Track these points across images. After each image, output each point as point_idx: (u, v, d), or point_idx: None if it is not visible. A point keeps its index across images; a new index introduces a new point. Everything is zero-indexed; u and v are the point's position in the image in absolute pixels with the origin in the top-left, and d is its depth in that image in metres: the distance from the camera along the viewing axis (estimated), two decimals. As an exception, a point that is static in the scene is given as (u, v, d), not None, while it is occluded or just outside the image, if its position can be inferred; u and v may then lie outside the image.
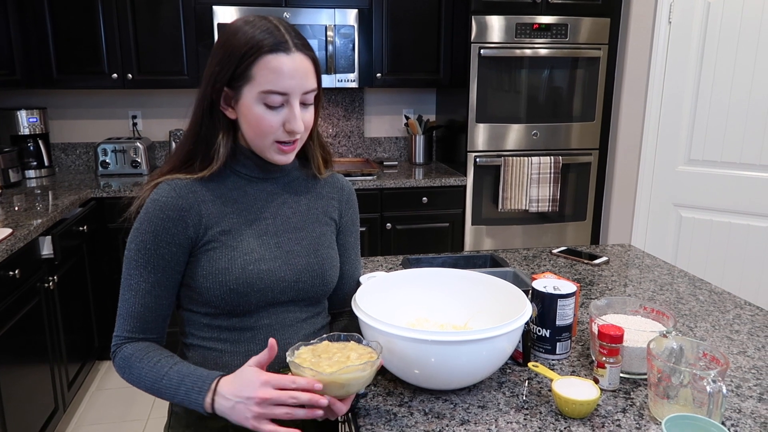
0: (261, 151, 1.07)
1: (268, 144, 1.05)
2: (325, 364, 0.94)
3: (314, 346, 1.00)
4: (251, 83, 1.00)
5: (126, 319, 1.06)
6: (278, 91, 1.00)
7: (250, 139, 1.06)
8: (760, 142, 2.77)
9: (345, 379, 0.89)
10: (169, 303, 1.09)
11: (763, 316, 1.42)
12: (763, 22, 2.68)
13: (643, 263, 1.82)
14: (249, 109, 1.02)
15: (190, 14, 3.03)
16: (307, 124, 1.07)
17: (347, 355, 0.97)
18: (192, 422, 1.10)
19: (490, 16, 3.03)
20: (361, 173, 3.16)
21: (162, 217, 1.03)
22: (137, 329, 1.06)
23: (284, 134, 1.04)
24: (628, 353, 1.10)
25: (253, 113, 1.02)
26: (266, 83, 1.00)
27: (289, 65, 1.00)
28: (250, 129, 1.04)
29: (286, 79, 1.00)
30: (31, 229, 2.14)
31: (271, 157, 1.07)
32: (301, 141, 1.09)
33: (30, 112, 3.10)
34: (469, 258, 1.77)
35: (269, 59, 0.99)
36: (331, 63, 3.12)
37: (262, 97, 1.01)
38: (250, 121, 1.03)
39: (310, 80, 1.04)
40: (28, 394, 2.09)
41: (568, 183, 3.29)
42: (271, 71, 0.99)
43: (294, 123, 1.03)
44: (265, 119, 1.02)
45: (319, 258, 1.14)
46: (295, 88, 1.01)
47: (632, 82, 3.10)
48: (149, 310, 1.06)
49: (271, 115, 1.02)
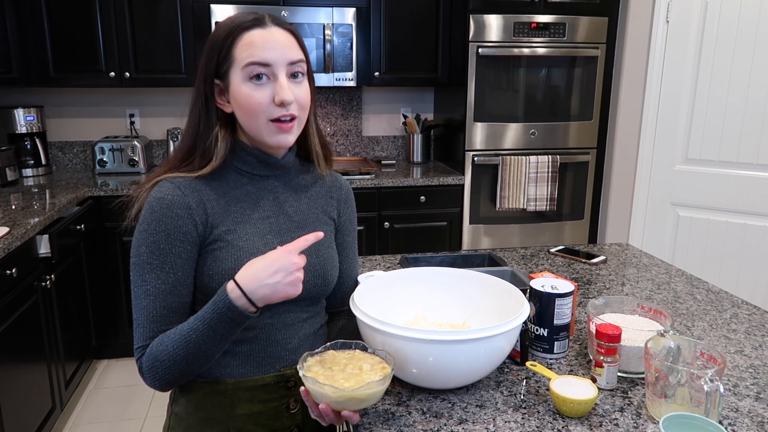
0: (258, 135, 1.04)
1: (262, 125, 1.03)
2: (340, 377, 0.93)
3: (321, 356, 0.99)
4: (234, 65, 1.01)
5: (147, 326, 1.01)
6: (258, 61, 1.00)
7: (246, 125, 1.05)
8: (757, 141, 2.77)
9: (365, 395, 0.90)
10: (190, 301, 1.05)
11: (760, 315, 1.42)
12: (761, 22, 2.68)
13: (641, 262, 1.82)
14: (238, 91, 1.02)
15: (188, 12, 3.03)
16: (300, 98, 1.04)
17: (359, 366, 0.97)
18: (193, 423, 1.10)
19: (488, 15, 3.03)
20: (359, 172, 3.15)
21: (171, 216, 1.01)
22: (162, 332, 1.01)
23: (276, 109, 1.02)
24: (625, 352, 1.10)
25: (242, 93, 1.01)
26: (247, 57, 1.00)
27: (266, 36, 1.01)
28: (242, 113, 1.03)
29: (266, 50, 1.00)
30: (28, 227, 2.13)
31: (269, 140, 1.04)
32: (300, 123, 1.07)
33: (27, 111, 3.09)
34: (467, 257, 1.77)
35: (246, 36, 1.01)
36: (329, 62, 3.12)
37: (246, 73, 1.01)
38: (240, 103, 1.02)
39: (293, 50, 1.03)
40: (25, 393, 2.08)
41: (565, 182, 3.29)
42: (249, 45, 1.00)
43: (282, 92, 1.01)
44: (253, 96, 1.01)
45: (320, 258, 1.13)
46: (277, 58, 1.01)
47: (630, 82, 3.11)
48: (173, 311, 1.02)
49: (259, 90, 1.01)
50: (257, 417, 1.10)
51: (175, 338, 0.99)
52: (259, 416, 1.10)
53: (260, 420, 1.10)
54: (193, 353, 0.98)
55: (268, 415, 1.10)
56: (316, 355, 0.99)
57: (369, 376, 0.94)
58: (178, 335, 0.99)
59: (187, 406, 1.11)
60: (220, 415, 1.09)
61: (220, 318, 0.96)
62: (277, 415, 1.11)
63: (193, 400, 1.10)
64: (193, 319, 0.99)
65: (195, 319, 0.98)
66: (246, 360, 1.08)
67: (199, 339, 0.97)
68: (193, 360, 0.99)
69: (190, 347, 0.98)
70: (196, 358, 0.99)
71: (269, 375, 1.10)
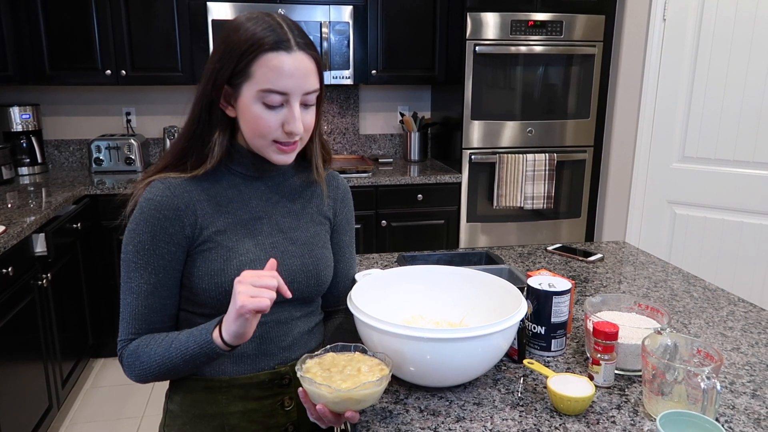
0: (260, 150, 1.05)
1: (266, 144, 1.03)
2: (338, 378, 0.94)
3: (320, 358, 0.99)
4: (250, 81, 0.98)
5: (129, 322, 1.03)
6: (277, 90, 0.98)
7: (249, 138, 1.04)
8: (753, 139, 2.78)
9: (362, 395, 0.90)
10: (174, 302, 1.07)
11: (756, 313, 1.42)
12: (757, 20, 2.69)
13: (638, 260, 1.82)
14: (248, 107, 1.00)
15: (185, 10, 3.02)
16: (307, 125, 1.05)
17: (357, 368, 0.96)
18: (187, 420, 1.10)
19: (485, 12, 3.02)
20: (356, 170, 3.15)
21: (158, 217, 1.01)
22: (142, 330, 1.04)
23: (283, 135, 1.02)
24: (622, 350, 1.10)
25: (252, 112, 1.00)
26: (265, 82, 0.97)
27: (290, 64, 0.98)
28: (248, 128, 1.02)
29: (285, 78, 0.98)
30: (25, 226, 2.13)
31: (270, 156, 1.05)
32: (302, 142, 1.07)
33: (23, 109, 3.08)
34: (465, 255, 1.77)
35: (269, 57, 0.97)
36: (325, 60, 3.11)
37: (261, 96, 0.98)
38: (248, 120, 1.01)
39: (311, 81, 1.01)
40: (22, 392, 2.08)
41: (562, 180, 3.30)
42: (271, 70, 0.97)
43: (293, 124, 1.00)
44: (263, 119, 1.00)
45: (313, 258, 1.13)
46: (295, 88, 0.99)
47: (627, 80, 3.11)
48: (154, 311, 1.04)
49: (270, 114, 1.00)
50: (252, 414, 1.10)
51: (158, 343, 1.02)
52: (253, 413, 1.10)
53: (255, 417, 1.10)
54: (167, 359, 1.01)
55: (263, 412, 1.11)
56: (316, 357, 0.99)
57: (367, 377, 0.94)
58: (161, 342, 1.02)
59: (182, 403, 1.11)
60: (215, 413, 1.09)
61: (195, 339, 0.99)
62: (272, 413, 1.11)
63: (188, 398, 1.10)
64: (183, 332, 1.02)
65: (183, 332, 1.01)
66: (240, 358, 1.08)
67: (174, 350, 1.00)
68: (166, 366, 1.01)
69: (167, 353, 1.01)
70: (168, 363, 1.01)
71: (263, 372, 1.10)
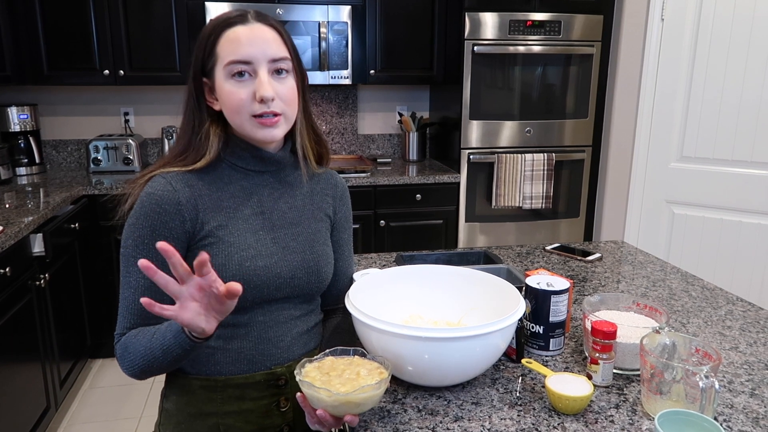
0: (243, 131, 1.05)
1: (245, 121, 1.03)
2: (337, 382, 0.93)
3: (319, 362, 0.99)
4: (218, 62, 1.03)
5: (126, 316, 1.03)
6: (240, 59, 1.00)
7: (230, 120, 1.05)
8: (752, 138, 2.78)
9: (361, 398, 0.89)
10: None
11: (754, 312, 1.42)
12: (755, 20, 2.69)
13: (636, 260, 1.82)
14: (221, 88, 1.03)
15: (183, 10, 3.01)
16: (282, 94, 1.03)
17: (356, 372, 0.96)
18: (183, 419, 1.10)
19: (483, 12, 3.02)
20: (354, 170, 3.15)
21: (159, 211, 1.01)
22: (138, 324, 1.03)
23: (257, 105, 1.01)
24: (621, 349, 1.10)
25: (224, 91, 1.03)
26: (228, 54, 1.01)
27: (247, 33, 1.01)
28: (226, 109, 1.04)
29: (245, 46, 1.00)
30: (22, 226, 2.12)
31: (255, 134, 1.04)
32: (287, 119, 1.06)
33: (20, 109, 3.08)
34: (463, 255, 1.77)
35: (228, 33, 1.02)
36: (324, 60, 3.11)
37: (228, 71, 1.02)
38: (224, 100, 1.03)
39: (274, 47, 1.03)
40: (19, 392, 2.07)
41: (561, 180, 3.30)
42: (231, 42, 1.01)
43: (261, 88, 1.00)
44: (234, 92, 1.02)
45: (314, 254, 1.13)
46: (257, 54, 1.01)
47: (625, 79, 3.11)
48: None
49: (239, 87, 1.02)
50: (247, 414, 1.10)
51: (144, 333, 0.99)
52: (249, 413, 1.10)
53: (250, 417, 1.10)
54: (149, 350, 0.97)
55: (259, 412, 1.10)
56: (315, 362, 0.99)
57: (366, 380, 0.94)
58: (146, 333, 0.98)
59: (177, 402, 1.11)
60: (210, 412, 1.09)
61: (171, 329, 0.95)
62: (268, 413, 1.11)
63: (183, 397, 1.10)
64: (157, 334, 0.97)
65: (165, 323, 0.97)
66: (237, 357, 1.08)
67: (155, 341, 0.97)
68: (148, 357, 0.98)
69: (149, 344, 0.97)
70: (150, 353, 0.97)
71: (259, 373, 1.09)
